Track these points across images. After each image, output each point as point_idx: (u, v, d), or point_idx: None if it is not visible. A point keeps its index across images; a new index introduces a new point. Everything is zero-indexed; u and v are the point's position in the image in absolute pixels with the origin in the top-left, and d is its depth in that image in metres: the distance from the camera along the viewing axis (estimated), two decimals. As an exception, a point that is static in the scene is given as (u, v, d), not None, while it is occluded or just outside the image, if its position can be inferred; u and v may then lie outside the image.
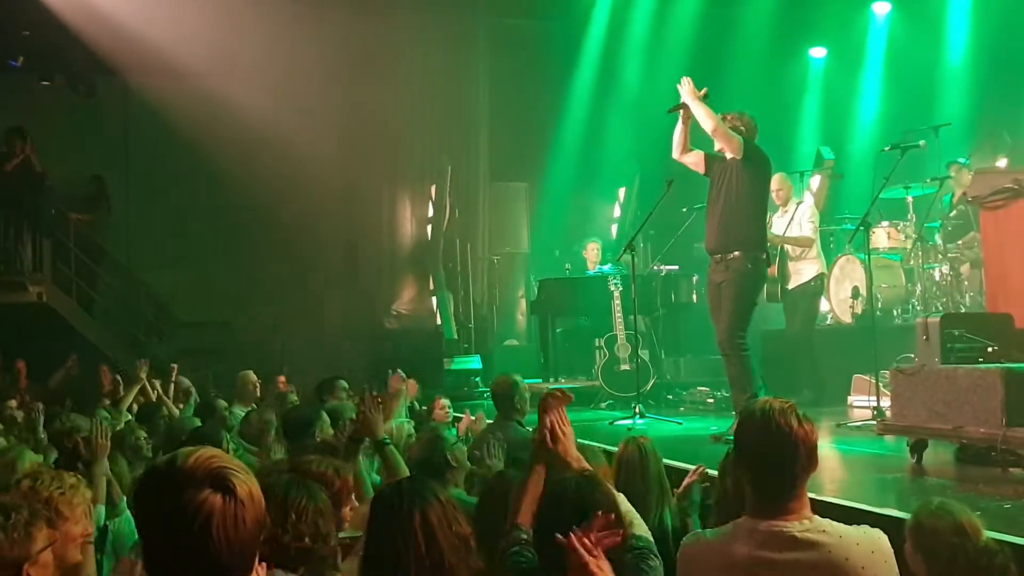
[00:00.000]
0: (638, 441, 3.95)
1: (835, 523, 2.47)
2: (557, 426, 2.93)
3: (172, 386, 7.58)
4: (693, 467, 4.19)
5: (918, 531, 2.72)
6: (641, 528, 2.80)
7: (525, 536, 2.75)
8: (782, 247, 8.32)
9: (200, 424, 5.50)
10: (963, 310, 7.54)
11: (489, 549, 2.74)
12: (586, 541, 2.22)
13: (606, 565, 2.21)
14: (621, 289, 8.66)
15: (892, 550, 2.48)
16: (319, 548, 2.69)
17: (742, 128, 6.38)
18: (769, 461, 2.46)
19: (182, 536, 1.56)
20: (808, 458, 2.45)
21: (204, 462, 1.60)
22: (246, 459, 5.08)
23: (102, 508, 4.03)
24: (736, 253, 6.26)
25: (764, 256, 6.41)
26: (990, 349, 4.98)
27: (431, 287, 12.72)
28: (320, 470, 3.12)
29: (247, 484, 1.61)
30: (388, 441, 4.03)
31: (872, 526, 2.58)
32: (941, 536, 2.65)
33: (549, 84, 12.78)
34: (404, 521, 2.42)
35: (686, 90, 6.35)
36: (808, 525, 2.43)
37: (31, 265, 11.36)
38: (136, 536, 3.88)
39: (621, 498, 2.99)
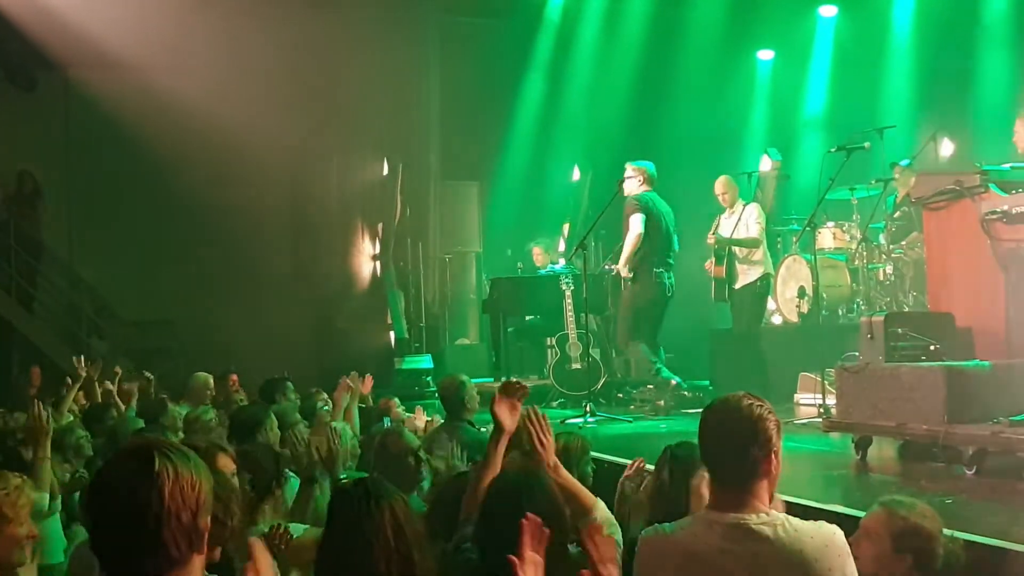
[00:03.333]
0: (567, 438, 3.97)
1: (792, 518, 2.51)
2: (538, 437, 3.04)
3: (115, 388, 7.39)
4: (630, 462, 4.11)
5: (906, 533, 2.76)
6: (612, 527, 2.86)
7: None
8: (729, 248, 8.40)
9: (144, 425, 5.40)
10: (906, 309, 7.67)
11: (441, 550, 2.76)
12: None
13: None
14: (572, 288, 8.68)
15: (847, 546, 2.51)
16: (229, 524, 2.68)
17: (641, 180, 7.85)
18: (723, 444, 2.51)
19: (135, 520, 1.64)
20: (757, 437, 2.47)
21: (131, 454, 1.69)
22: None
23: (46, 496, 3.94)
24: None
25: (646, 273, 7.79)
26: (932, 347, 5.08)
27: (382, 285, 12.63)
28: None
29: (178, 460, 1.70)
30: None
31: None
32: (927, 535, 2.71)
33: (500, 83, 12.77)
34: (374, 514, 2.43)
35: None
36: (765, 519, 2.46)
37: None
38: (64, 541, 3.79)
39: (601, 505, 3.04)
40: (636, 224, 7.72)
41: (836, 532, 2.52)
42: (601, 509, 3.06)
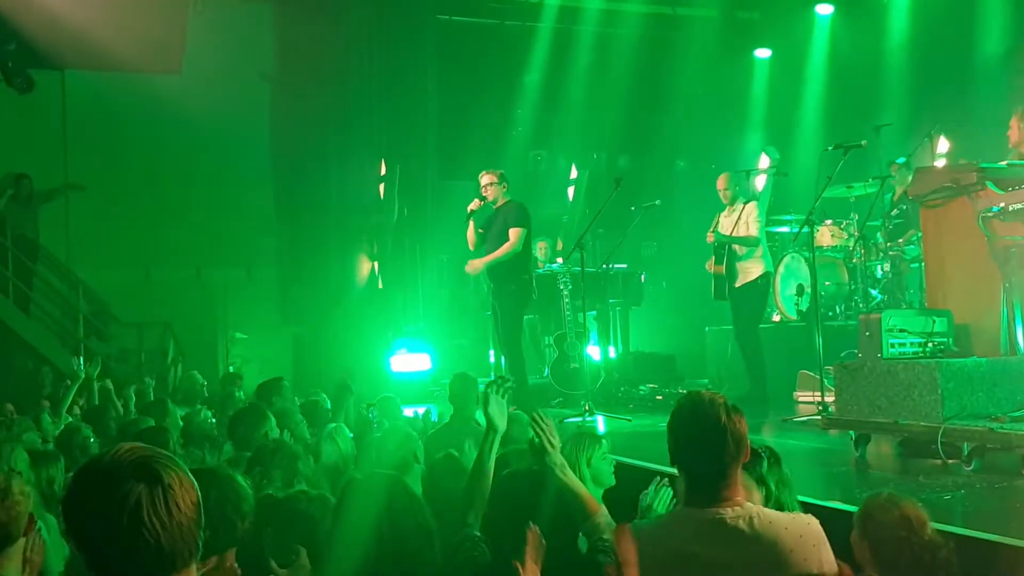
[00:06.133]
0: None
1: (765, 509, 2.54)
2: (547, 438, 3.04)
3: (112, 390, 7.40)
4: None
5: (867, 522, 2.78)
6: (609, 531, 2.89)
7: (477, 533, 2.78)
8: (729, 246, 8.40)
9: (152, 423, 5.39)
10: (904, 307, 7.69)
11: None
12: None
13: None
14: (570, 287, 8.69)
15: (823, 535, 2.55)
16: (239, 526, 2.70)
17: (506, 184, 8.16)
18: (699, 452, 2.52)
19: (115, 530, 1.56)
20: (737, 448, 2.51)
21: (126, 455, 1.61)
22: (193, 456, 5.01)
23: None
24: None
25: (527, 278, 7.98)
26: (930, 344, 5.10)
27: (380, 285, 12.63)
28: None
29: (174, 471, 1.63)
30: None
31: (818, 519, 2.63)
32: (888, 528, 2.71)
33: (498, 82, 12.76)
34: (372, 501, 2.58)
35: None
36: (739, 512, 2.49)
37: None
38: (64, 547, 3.77)
39: (604, 510, 3.07)
40: (516, 239, 7.94)
41: (811, 522, 2.56)
42: (604, 514, 3.07)
